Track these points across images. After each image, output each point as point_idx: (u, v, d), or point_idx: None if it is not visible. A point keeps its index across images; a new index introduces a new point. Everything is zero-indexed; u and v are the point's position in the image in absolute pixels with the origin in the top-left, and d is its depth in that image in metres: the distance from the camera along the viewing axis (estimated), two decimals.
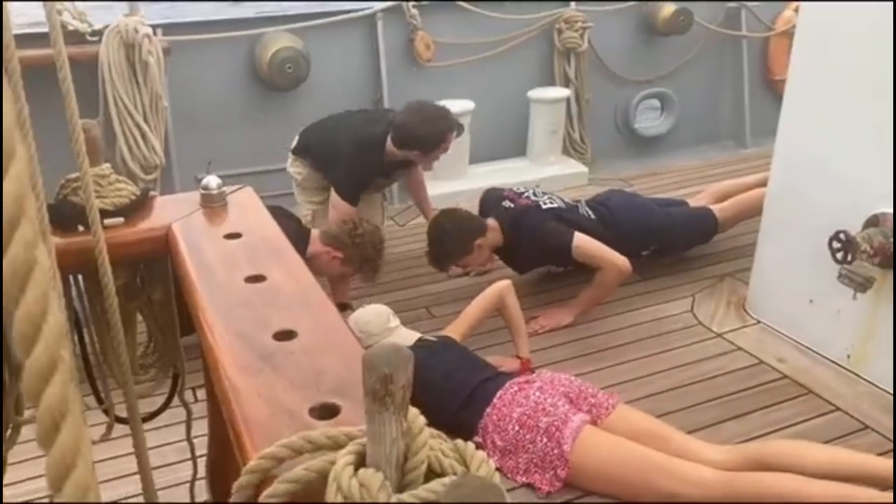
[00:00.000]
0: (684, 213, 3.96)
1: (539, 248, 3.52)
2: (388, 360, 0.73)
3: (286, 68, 4.48)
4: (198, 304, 1.26)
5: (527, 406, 2.51)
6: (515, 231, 3.53)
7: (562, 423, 2.44)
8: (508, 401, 2.56)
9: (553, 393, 2.55)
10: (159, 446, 2.43)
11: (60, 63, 1.19)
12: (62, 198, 1.53)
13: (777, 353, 3.17)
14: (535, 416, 2.48)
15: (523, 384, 2.62)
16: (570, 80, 5.28)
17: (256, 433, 0.93)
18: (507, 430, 2.51)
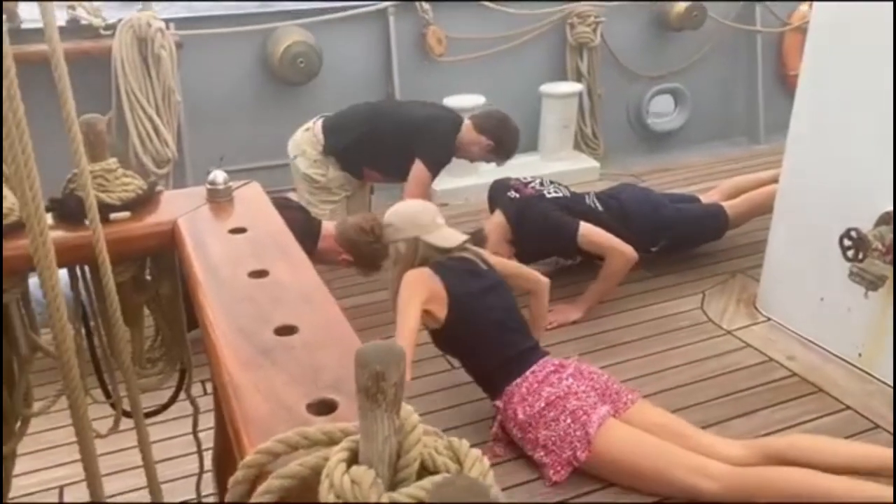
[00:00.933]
0: (695, 210, 3.94)
1: (545, 237, 3.52)
2: (381, 358, 0.73)
3: (298, 63, 4.49)
4: (201, 299, 1.27)
5: (558, 388, 2.50)
6: (521, 221, 3.54)
7: (590, 409, 2.44)
8: (541, 378, 2.55)
9: (584, 382, 2.55)
10: (167, 439, 2.44)
11: (56, 61, 1.20)
12: (69, 192, 1.54)
13: (787, 351, 3.15)
14: (566, 398, 2.48)
15: (558, 366, 2.61)
16: (582, 75, 5.27)
17: (254, 428, 0.93)
18: (534, 405, 2.50)
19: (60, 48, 1.24)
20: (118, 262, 1.52)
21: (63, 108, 1.28)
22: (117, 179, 1.57)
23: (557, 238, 3.48)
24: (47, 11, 1.22)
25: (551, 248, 3.63)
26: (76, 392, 1.36)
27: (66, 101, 1.28)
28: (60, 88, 1.27)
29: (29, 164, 1.17)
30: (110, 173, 1.56)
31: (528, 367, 2.59)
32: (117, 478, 2.41)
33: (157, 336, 1.82)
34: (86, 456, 1.44)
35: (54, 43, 1.24)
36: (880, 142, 2.87)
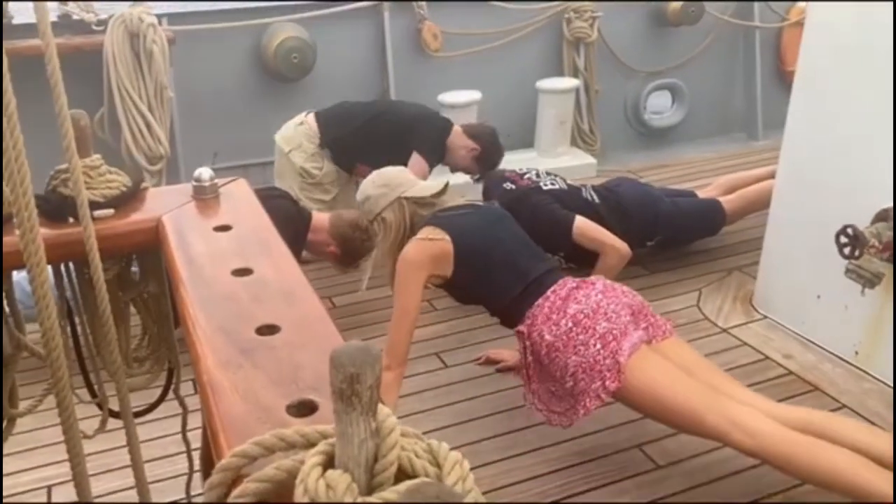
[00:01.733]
0: (692, 204, 3.92)
1: (539, 229, 3.47)
2: (355, 359, 0.71)
3: (292, 58, 4.47)
4: (183, 297, 1.24)
5: (585, 305, 2.33)
6: (516, 212, 3.50)
7: (621, 334, 2.27)
8: (564, 295, 2.38)
9: (615, 300, 2.37)
10: (157, 438, 2.43)
11: (49, 56, 1.18)
12: (52, 189, 1.52)
13: (783, 349, 3.13)
14: (595, 318, 2.30)
15: (582, 283, 2.45)
16: (579, 71, 5.24)
17: (231, 430, 0.91)
18: (560, 324, 2.32)
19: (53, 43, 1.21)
20: (102, 259, 1.50)
21: (56, 103, 1.26)
22: (101, 176, 1.55)
23: (552, 231, 3.44)
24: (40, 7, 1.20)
25: (544, 240, 3.57)
26: (64, 391, 1.34)
27: (59, 97, 1.26)
28: (53, 84, 1.25)
29: (20, 159, 1.15)
30: (94, 170, 1.53)
31: (546, 288, 2.42)
32: (106, 477, 2.40)
33: (145, 335, 1.81)
34: (73, 456, 1.42)
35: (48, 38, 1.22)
36: (877, 139, 2.85)
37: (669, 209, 3.79)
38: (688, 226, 3.84)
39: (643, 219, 3.69)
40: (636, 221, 3.64)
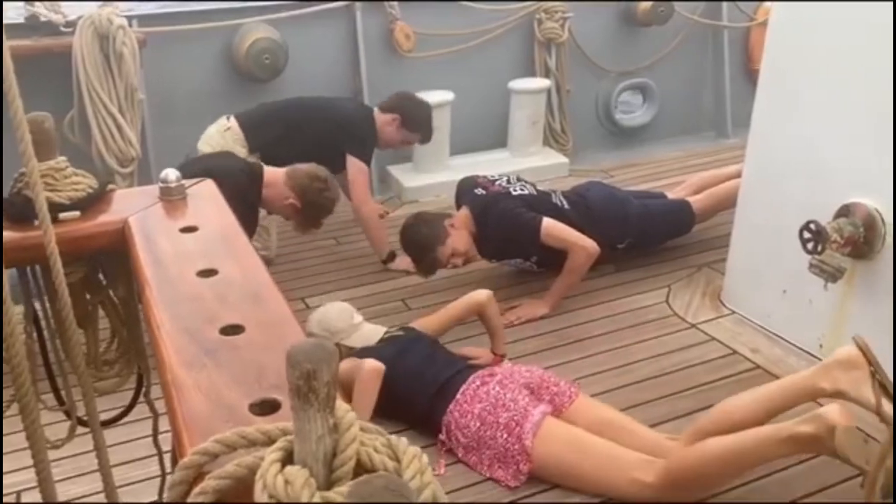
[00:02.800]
0: (662, 206, 3.97)
1: (507, 234, 3.52)
2: (310, 356, 0.72)
3: (264, 59, 4.46)
4: (148, 298, 1.25)
5: (487, 402, 2.51)
6: (485, 217, 3.54)
7: (521, 418, 2.44)
8: (470, 396, 2.56)
9: (513, 386, 2.54)
10: (130, 441, 2.42)
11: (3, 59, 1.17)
12: (16, 192, 1.51)
13: (751, 344, 3.18)
14: (496, 412, 2.48)
15: (486, 377, 2.62)
16: (550, 71, 5.27)
17: (194, 429, 0.93)
18: (469, 426, 2.52)
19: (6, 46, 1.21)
20: (68, 262, 1.50)
21: (11, 106, 1.26)
22: (66, 178, 1.55)
23: (520, 235, 3.49)
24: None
25: (514, 245, 3.62)
26: (27, 398, 1.34)
27: (14, 100, 1.26)
28: (6, 87, 1.25)
29: None
30: (59, 172, 1.53)
31: (455, 392, 2.60)
32: (79, 481, 2.38)
33: (114, 338, 1.80)
34: (38, 462, 1.42)
35: None
36: (838, 136, 2.91)
37: (638, 212, 3.84)
38: (657, 228, 3.89)
39: (612, 222, 3.73)
40: (605, 225, 3.68)
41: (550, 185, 4.13)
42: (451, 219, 3.56)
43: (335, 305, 3.03)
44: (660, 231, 3.92)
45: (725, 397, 2.81)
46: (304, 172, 3.42)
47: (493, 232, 3.54)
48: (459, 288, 3.75)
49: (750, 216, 3.36)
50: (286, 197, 3.39)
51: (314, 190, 3.38)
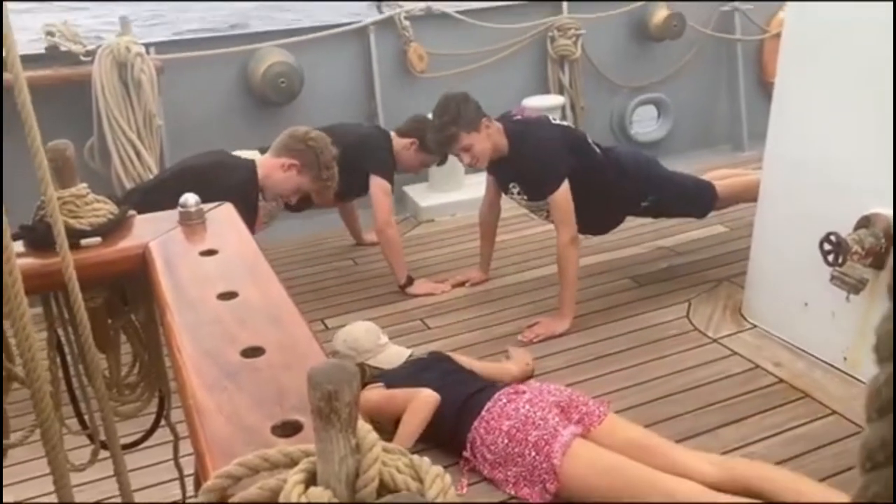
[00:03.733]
0: (687, 176, 3.93)
1: (532, 166, 3.47)
2: (332, 377, 0.72)
3: (279, 83, 4.50)
4: (169, 321, 1.26)
5: (516, 419, 2.49)
6: (519, 140, 3.50)
7: (551, 437, 2.42)
8: (497, 413, 2.54)
9: (543, 405, 2.53)
10: (151, 465, 2.43)
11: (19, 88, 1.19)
12: (39, 219, 1.53)
13: (773, 357, 3.15)
14: (525, 430, 2.46)
15: (512, 395, 2.60)
16: (564, 88, 5.29)
17: (216, 452, 0.93)
18: (497, 442, 2.50)
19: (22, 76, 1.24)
20: (90, 287, 1.52)
21: (28, 135, 1.28)
22: (88, 205, 1.56)
23: (540, 173, 3.46)
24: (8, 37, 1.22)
25: (528, 178, 3.55)
26: (48, 423, 1.34)
27: (31, 129, 1.28)
28: (24, 116, 1.27)
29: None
30: (80, 199, 1.55)
31: (481, 408, 2.58)
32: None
33: (135, 362, 1.81)
34: (60, 488, 1.42)
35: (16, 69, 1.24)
36: (857, 145, 2.89)
37: (665, 173, 3.82)
38: (679, 194, 3.82)
39: (640, 177, 3.70)
40: (632, 177, 3.66)
41: None
42: (490, 121, 3.48)
43: (361, 325, 3.03)
44: (681, 198, 3.83)
45: (749, 412, 2.81)
46: (283, 135, 3.42)
47: (523, 156, 3.49)
48: (478, 306, 3.77)
49: (769, 229, 3.34)
50: (281, 165, 3.32)
51: (300, 138, 3.35)
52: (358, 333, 2.95)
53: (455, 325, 3.61)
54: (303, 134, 3.39)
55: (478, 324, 3.60)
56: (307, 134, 3.39)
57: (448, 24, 4.97)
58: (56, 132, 1.51)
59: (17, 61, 1.17)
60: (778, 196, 3.28)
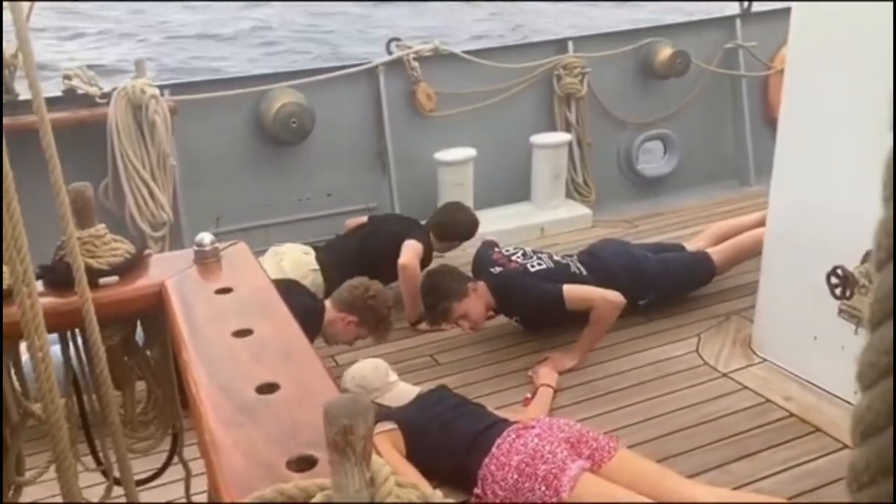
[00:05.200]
0: (680, 259, 3.98)
1: (533, 310, 3.60)
2: (347, 411, 0.75)
3: (291, 123, 4.58)
4: (185, 358, 1.29)
5: (525, 454, 2.50)
6: (506, 296, 3.60)
7: (559, 471, 2.43)
8: (507, 449, 2.55)
9: (552, 439, 2.54)
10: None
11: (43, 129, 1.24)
12: (59, 259, 1.57)
13: (783, 392, 3.14)
14: (534, 464, 2.47)
15: (521, 430, 2.61)
16: (571, 125, 5.35)
17: (234, 486, 0.95)
18: (507, 478, 2.50)
19: (47, 119, 1.28)
20: (108, 325, 1.55)
21: (51, 174, 1.32)
22: (105, 245, 1.60)
23: (546, 309, 3.55)
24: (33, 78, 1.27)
25: (542, 319, 3.69)
26: (64, 458, 1.37)
27: (55, 168, 1.33)
28: (48, 156, 1.31)
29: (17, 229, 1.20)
30: (98, 239, 1.59)
31: (491, 445, 2.59)
32: None
33: (150, 398, 1.84)
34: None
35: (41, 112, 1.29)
36: (862, 178, 2.91)
37: (656, 268, 3.86)
38: (677, 282, 3.91)
39: (630, 280, 3.74)
40: (624, 284, 3.67)
41: (573, 238, 4.15)
42: (475, 283, 3.58)
43: (370, 362, 3.06)
44: (679, 285, 3.93)
45: (760, 447, 2.81)
46: (344, 289, 3.52)
47: (518, 308, 3.63)
48: (488, 341, 3.78)
49: (777, 263, 3.35)
50: (342, 319, 3.44)
51: (359, 296, 3.45)
52: (366, 371, 2.98)
53: (465, 360, 3.62)
54: (362, 293, 3.47)
55: (487, 359, 3.62)
56: (367, 291, 3.47)
57: (455, 64, 5.06)
58: (71, 172, 1.55)
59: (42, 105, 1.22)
60: (785, 230, 3.30)
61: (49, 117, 1.38)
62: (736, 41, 5.64)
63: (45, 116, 1.23)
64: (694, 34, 5.58)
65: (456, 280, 3.54)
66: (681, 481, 2.46)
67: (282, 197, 4.73)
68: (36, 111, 1.24)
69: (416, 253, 4.01)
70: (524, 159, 5.21)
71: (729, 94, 5.80)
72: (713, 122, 5.82)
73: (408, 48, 4.97)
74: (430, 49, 5.00)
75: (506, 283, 3.59)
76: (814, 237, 3.08)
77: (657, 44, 5.44)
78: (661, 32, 5.53)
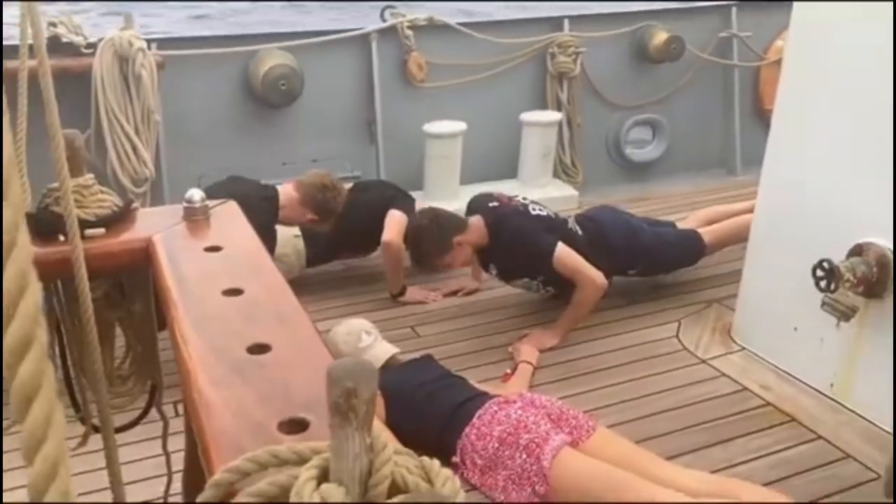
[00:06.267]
0: (673, 235, 3.98)
1: (520, 251, 3.48)
2: (352, 374, 0.72)
3: (279, 85, 4.51)
4: (174, 316, 1.25)
5: (507, 424, 2.50)
6: (499, 230, 3.51)
7: (542, 441, 2.43)
8: (489, 420, 2.55)
9: (535, 412, 2.55)
10: (137, 461, 2.41)
11: (43, 72, 1.20)
12: (44, 207, 1.53)
13: (761, 380, 3.17)
14: (516, 434, 2.47)
15: (503, 403, 2.61)
16: (562, 104, 5.32)
17: (223, 446, 0.92)
18: (487, 448, 2.50)
19: (47, 62, 1.24)
20: (92, 278, 1.51)
21: (48, 121, 1.28)
22: (93, 196, 1.56)
23: (532, 255, 3.47)
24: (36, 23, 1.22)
25: (524, 263, 3.56)
26: None
27: (52, 115, 1.28)
28: (46, 101, 1.27)
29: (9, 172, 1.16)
30: (86, 189, 1.55)
31: (472, 415, 2.58)
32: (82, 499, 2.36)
33: (129, 353, 1.80)
34: None
35: (42, 56, 1.24)
36: (853, 174, 2.93)
37: (651, 240, 3.84)
38: (668, 256, 3.89)
39: (624, 248, 3.74)
40: (618, 252, 3.69)
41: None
42: (460, 235, 3.51)
43: (342, 328, 2.99)
44: (669, 260, 3.91)
45: (735, 433, 2.83)
46: (313, 185, 3.66)
47: (506, 247, 3.51)
48: (469, 316, 3.77)
49: (762, 253, 3.37)
50: (303, 214, 3.67)
51: (328, 200, 3.67)
52: (340, 337, 2.94)
53: (445, 333, 3.62)
54: (332, 196, 3.67)
55: (469, 333, 3.61)
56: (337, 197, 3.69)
57: (450, 35, 4.99)
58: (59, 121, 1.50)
59: (42, 47, 1.18)
60: (772, 220, 3.31)
61: (30, 64, 1.33)
62: (731, 30, 5.63)
63: (44, 59, 1.18)
64: (690, 20, 5.56)
65: (441, 234, 3.47)
66: (659, 462, 2.48)
67: (266, 160, 4.65)
68: (36, 53, 1.19)
69: (401, 227, 3.93)
70: (513, 136, 5.17)
71: (721, 83, 5.80)
72: (703, 110, 5.82)
73: (402, 16, 4.90)
74: (424, 18, 4.94)
75: (503, 218, 3.53)
76: (801, 229, 3.10)
77: (653, 27, 5.42)
78: (657, 16, 5.51)
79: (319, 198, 3.65)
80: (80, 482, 2.33)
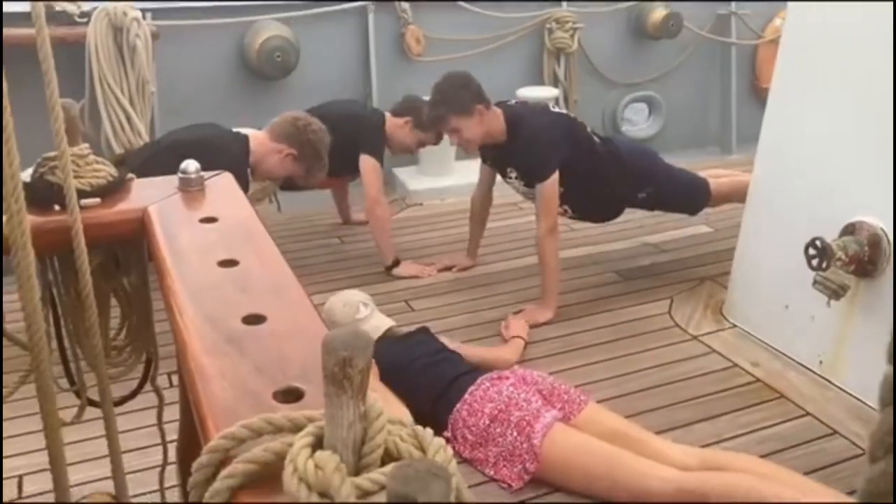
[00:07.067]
0: (684, 172, 3.95)
1: (527, 150, 3.48)
2: (348, 344, 0.74)
3: (275, 57, 4.48)
4: (169, 287, 1.26)
5: (499, 401, 2.52)
6: (517, 126, 3.50)
7: (533, 418, 2.45)
8: (480, 396, 2.57)
9: (526, 388, 2.57)
10: (132, 430, 2.42)
11: (41, 42, 1.19)
12: (39, 176, 1.53)
13: (751, 357, 3.20)
14: (508, 411, 2.49)
15: (496, 380, 2.63)
16: (559, 81, 5.31)
17: (219, 415, 0.94)
18: (478, 424, 2.52)
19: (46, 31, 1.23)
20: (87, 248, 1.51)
21: (47, 90, 1.27)
22: (88, 165, 1.56)
23: (534, 163, 3.47)
24: None
25: (521, 161, 3.54)
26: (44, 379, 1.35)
27: (50, 84, 1.28)
28: (45, 70, 1.27)
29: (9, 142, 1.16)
30: (82, 159, 1.54)
31: (464, 391, 2.60)
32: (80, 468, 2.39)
33: (124, 325, 1.81)
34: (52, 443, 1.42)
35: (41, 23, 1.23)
36: (847, 153, 2.93)
37: (664, 169, 3.83)
38: (677, 190, 3.84)
39: (638, 168, 3.72)
40: (630, 169, 3.67)
41: None
42: (483, 108, 3.47)
43: (339, 299, 2.98)
44: (677, 196, 3.86)
45: (724, 409, 2.86)
46: (285, 121, 3.44)
47: (519, 145, 3.49)
48: (464, 290, 3.79)
49: (755, 231, 3.38)
50: (279, 151, 3.39)
51: (302, 129, 3.39)
52: (335, 308, 2.92)
53: (440, 308, 3.63)
54: (304, 125, 3.40)
55: (463, 308, 3.63)
56: (309, 126, 3.40)
57: (447, 9, 4.96)
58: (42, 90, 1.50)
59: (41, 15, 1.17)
60: (766, 198, 3.32)
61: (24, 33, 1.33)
62: (729, 8, 5.60)
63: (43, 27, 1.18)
64: None
65: (468, 93, 3.44)
66: (650, 436, 2.50)
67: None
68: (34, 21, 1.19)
69: (379, 177, 3.86)
70: None
71: (718, 61, 5.78)
72: (700, 88, 5.81)
73: None
74: None
75: (525, 115, 3.53)
76: (794, 207, 3.11)
77: (651, 4, 5.39)
78: None
79: (292, 130, 3.40)
80: (80, 449, 2.35)
